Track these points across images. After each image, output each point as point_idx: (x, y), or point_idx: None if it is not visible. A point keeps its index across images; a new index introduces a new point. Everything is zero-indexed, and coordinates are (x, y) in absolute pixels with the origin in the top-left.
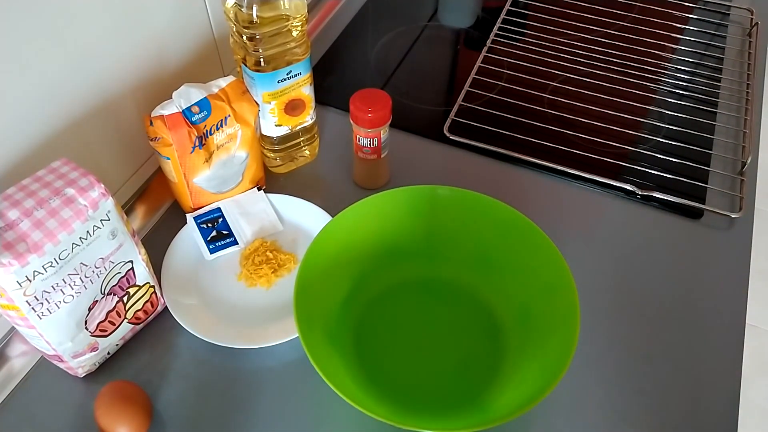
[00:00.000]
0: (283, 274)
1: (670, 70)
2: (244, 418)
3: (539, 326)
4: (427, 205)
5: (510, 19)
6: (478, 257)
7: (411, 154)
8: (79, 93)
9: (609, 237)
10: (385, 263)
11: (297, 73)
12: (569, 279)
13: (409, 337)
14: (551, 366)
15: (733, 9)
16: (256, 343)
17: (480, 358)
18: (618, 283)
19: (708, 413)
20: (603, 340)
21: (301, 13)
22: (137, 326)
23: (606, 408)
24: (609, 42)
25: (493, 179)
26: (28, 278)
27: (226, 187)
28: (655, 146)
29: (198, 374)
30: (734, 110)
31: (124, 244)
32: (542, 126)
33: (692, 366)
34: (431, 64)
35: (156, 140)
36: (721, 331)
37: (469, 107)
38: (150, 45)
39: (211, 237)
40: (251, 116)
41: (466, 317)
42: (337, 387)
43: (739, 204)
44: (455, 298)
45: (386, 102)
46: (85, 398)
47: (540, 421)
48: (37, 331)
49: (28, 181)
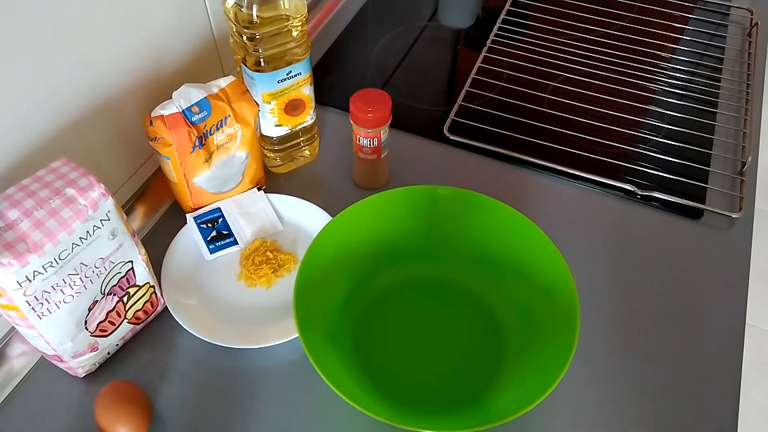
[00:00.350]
0: (283, 274)
1: (670, 70)
2: (244, 418)
3: (539, 326)
4: (427, 205)
5: (510, 19)
6: (478, 257)
7: (411, 154)
8: (79, 93)
9: (609, 237)
10: (385, 263)
11: (297, 73)
12: (569, 279)
13: (409, 337)
14: (551, 366)
15: (733, 9)
16: (256, 343)
17: (480, 358)
18: (618, 283)
19: (708, 413)
20: (603, 340)
21: (301, 13)
22: (137, 326)
23: (606, 408)
24: (609, 42)
25: (493, 179)
26: (28, 278)
27: (226, 187)
28: (655, 146)
29: (198, 374)
30: (734, 110)
31: (124, 244)
32: (542, 126)
33: (692, 366)
34: (431, 64)
35: (156, 140)
36: (721, 331)
37: (469, 107)
38: (150, 45)
39: (211, 237)
40: (251, 116)
41: (466, 317)
42: (337, 387)
43: (739, 204)
44: (455, 298)
45: (386, 102)
46: (85, 398)
47: (540, 421)
48: (37, 331)
49: (28, 181)
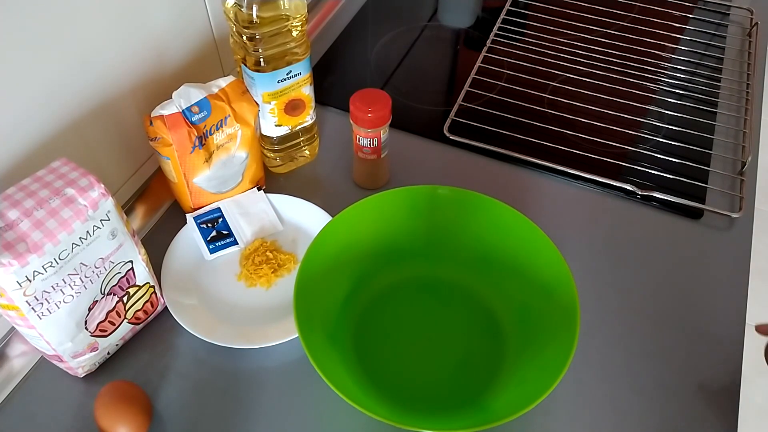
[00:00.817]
0: (283, 274)
1: (670, 70)
2: (244, 418)
3: (539, 326)
4: (427, 205)
5: (510, 19)
6: (478, 257)
7: (411, 154)
8: (79, 93)
9: (609, 237)
10: (385, 263)
11: (297, 73)
12: (569, 279)
13: (409, 337)
14: (551, 366)
15: (733, 9)
16: (256, 343)
17: (480, 358)
18: (618, 283)
19: (708, 413)
20: (603, 339)
21: (301, 13)
22: (137, 326)
23: (606, 408)
24: (609, 42)
25: (493, 179)
26: (28, 278)
27: (226, 187)
28: (655, 146)
29: (198, 374)
30: (734, 110)
31: (124, 244)
32: (542, 126)
33: (692, 366)
34: (431, 64)
35: (156, 140)
36: (721, 331)
37: (469, 107)
38: (150, 45)
39: (211, 237)
40: (251, 116)
41: (466, 317)
42: (337, 387)
43: (739, 204)
44: (455, 298)
45: (386, 102)
46: (85, 398)
47: (540, 421)
48: (37, 331)
49: (28, 181)
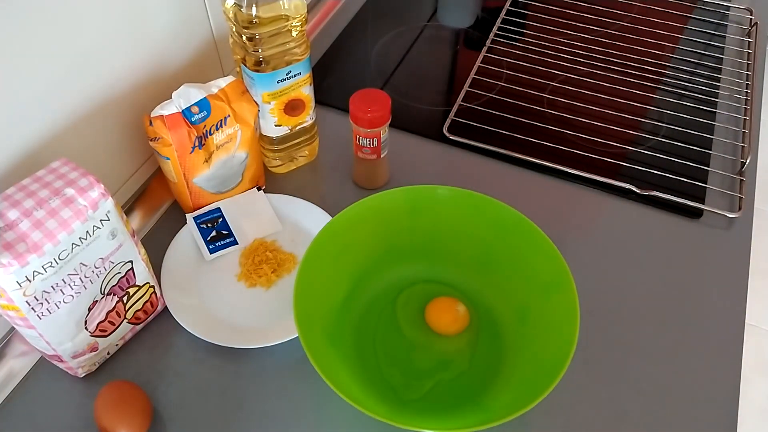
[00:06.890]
0: (282, 274)
1: (670, 70)
2: (244, 418)
3: (539, 326)
4: (427, 205)
5: (510, 19)
6: (478, 257)
7: (411, 154)
8: (78, 93)
9: (609, 237)
10: (385, 263)
11: (297, 73)
12: (569, 279)
13: (409, 337)
14: (551, 366)
15: (733, 9)
16: (256, 343)
17: (480, 358)
18: (618, 283)
19: (708, 413)
20: (603, 339)
21: (300, 13)
22: (137, 326)
23: (606, 408)
24: (609, 42)
25: (493, 179)
26: (27, 278)
27: (225, 187)
28: (655, 146)
29: (198, 374)
30: (734, 110)
31: (124, 244)
32: (542, 126)
33: (692, 366)
34: (431, 64)
35: (156, 140)
36: (721, 331)
37: (468, 107)
38: (150, 45)
39: (211, 237)
40: (251, 116)
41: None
42: (337, 387)
43: (738, 204)
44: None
45: (386, 102)
46: (85, 398)
47: (540, 421)
48: (37, 331)
49: (27, 181)
